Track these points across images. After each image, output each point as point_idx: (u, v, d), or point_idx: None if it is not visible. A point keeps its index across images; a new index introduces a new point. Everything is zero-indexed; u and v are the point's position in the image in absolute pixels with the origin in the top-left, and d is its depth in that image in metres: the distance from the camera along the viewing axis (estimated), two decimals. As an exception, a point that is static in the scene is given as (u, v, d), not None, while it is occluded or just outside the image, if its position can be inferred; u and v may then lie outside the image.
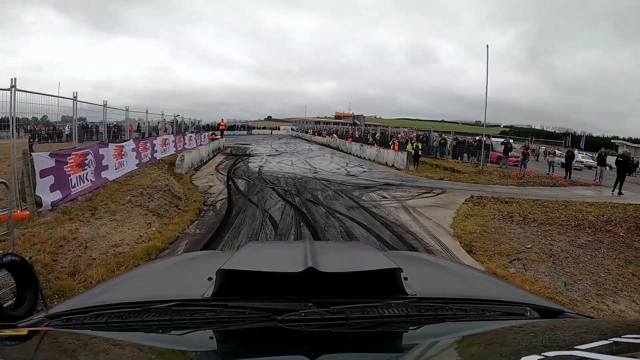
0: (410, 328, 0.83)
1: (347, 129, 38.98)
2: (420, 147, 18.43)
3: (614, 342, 0.66)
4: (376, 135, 28.74)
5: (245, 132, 51.68)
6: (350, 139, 29.68)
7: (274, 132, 59.47)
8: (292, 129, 61.31)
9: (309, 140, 40.83)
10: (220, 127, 30.83)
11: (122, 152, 9.93)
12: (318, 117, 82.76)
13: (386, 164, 19.26)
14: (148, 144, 12.91)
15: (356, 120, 73.39)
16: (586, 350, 0.61)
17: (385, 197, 10.17)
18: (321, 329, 0.79)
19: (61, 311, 0.93)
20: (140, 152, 11.89)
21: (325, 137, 37.21)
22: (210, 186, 11.48)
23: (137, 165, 11.27)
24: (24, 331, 0.84)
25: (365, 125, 47.97)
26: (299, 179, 12.99)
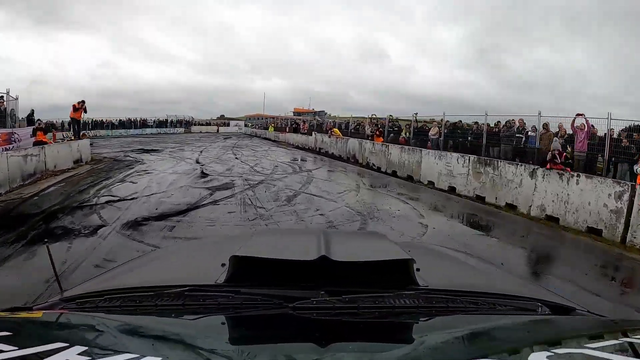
0: (420, 319, 0.82)
1: (362, 122, 22.19)
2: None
3: (624, 342, 0.65)
4: (417, 131, 12.74)
5: (182, 129, 38.32)
6: (381, 140, 13.32)
7: (222, 129, 41.53)
8: (245, 125, 43.99)
9: (276, 141, 23.79)
10: (71, 115, 12.70)
11: None
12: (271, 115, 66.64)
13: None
14: None
15: (317, 117, 58.70)
16: (596, 349, 0.59)
17: None
18: (332, 317, 0.77)
19: (75, 294, 0.92)
20: None
21: (311, 135, 20.32)
22: None
23: None
24: (39, 313, 0.82)
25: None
26: None
